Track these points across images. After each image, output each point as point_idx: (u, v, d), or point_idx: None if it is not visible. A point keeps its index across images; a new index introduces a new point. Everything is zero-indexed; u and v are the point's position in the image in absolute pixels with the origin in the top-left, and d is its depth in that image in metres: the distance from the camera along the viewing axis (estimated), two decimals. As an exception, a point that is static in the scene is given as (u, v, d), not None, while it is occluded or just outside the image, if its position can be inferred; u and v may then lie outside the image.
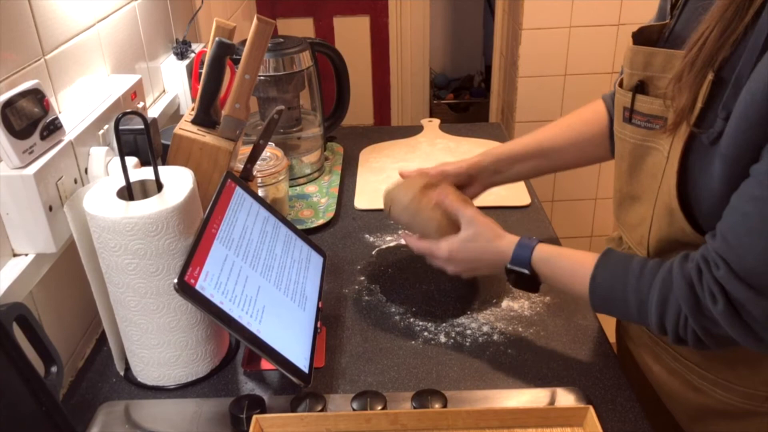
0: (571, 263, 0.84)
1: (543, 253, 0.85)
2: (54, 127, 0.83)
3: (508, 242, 0.88)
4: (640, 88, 0.78)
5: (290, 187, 1.33)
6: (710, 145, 0.69)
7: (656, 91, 0.76)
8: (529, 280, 0.87)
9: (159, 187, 0.81)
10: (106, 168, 0.92)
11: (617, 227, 0.94)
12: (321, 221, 1.24)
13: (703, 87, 0.68)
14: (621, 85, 0.82)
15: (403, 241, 1.18)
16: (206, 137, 0.96)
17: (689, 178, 0.73)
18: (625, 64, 0.81)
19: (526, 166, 1.05)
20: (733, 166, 0.67)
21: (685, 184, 0.73)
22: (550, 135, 1.05)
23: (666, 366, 0.89)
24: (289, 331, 0.84)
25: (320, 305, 0.94)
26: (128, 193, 0.81)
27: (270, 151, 1.23)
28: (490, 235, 0.90)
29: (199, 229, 0.81)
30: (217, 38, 0.93)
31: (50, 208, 0.81)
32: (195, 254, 0.78)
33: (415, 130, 1.64)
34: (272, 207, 0.98)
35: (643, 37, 0.80)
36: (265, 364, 0.89)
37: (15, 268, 0.80)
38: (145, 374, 0.86)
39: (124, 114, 0.78)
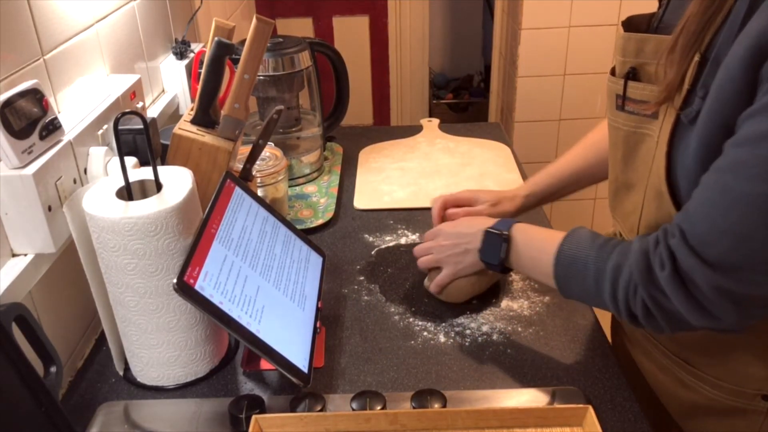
0: (545, 235, 0.85)
1: (523, 224, 0.89)
2: (53, 127, 0.83)
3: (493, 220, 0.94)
4: (632, 74, 0.78)
5: (289, 187, 1.33)
6: (689, 125, 0.69)
7: (648, 77, 0.76)
8: (499, 248, 0.88)
9: (158, 187, 0.81)
10: (105, 168, 0.92)
11: (613, 222, 0.94)
12: (320, 221, 1.24)
13: (690, 68, 0.68)
14: (613, 73, 0.82)
15: (402, 241, 1.18)
16: (205, 137, 0.96)
17: (674, 160, 0.73)
18: (616, 51, 0.80)
19: (562, 194, 1.12)
20: (707, 144, 0.66)
21: (671, 166, 0.73)
22: (580, 152, 1.08)
23: (657, 363, 0.89)
24: (288, 331, 0.84)
25: (320, 305, 0.94)
26: (127, 193, 0.81)
27: (269, 151, 1.23)
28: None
29: (198, 229, 0.81)
30: (216, 38, 0.93)
31: (49, 208, 0.81)
32: (194, 254, 0.78)
33: (414, 130, 1.64)
34: (271, 207, 0.98)
35: (632, 25, 0.80)
36: (265, 364, 0.89)
37: (14, 268, 0.79)
38: (144, 374, 0.86)
39: (124, 114, 0.78)
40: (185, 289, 0.74)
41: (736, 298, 0.65)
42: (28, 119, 0.79)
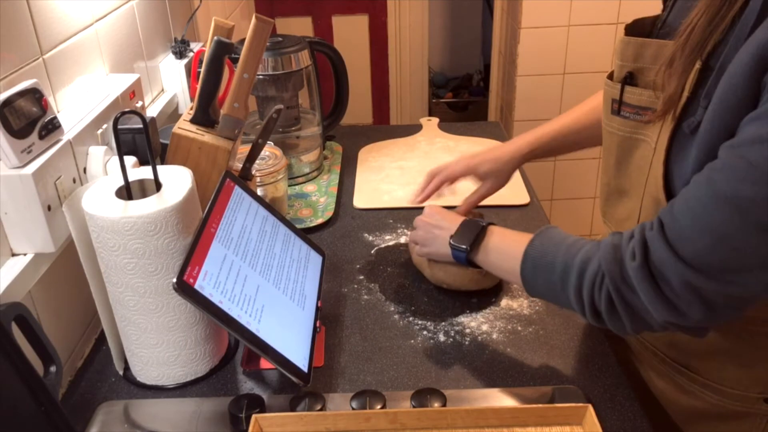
0: (518, 236, 0.85)
1: (500, 228, 0.90)
2: (52, 127, 0.83)
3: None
4: (630, 79, 0.77)
5: (289, 186, 1.33)
6: (690, 134, 0.68)
7: (646, 83, 0.76)
8: (473, 234, 0.89)
9: (158, 186, 0.81)
10: (104, 167, 0.92)
11: (605, 227, 0.94)
12: (320, 220, 1.24)
13: (691, 75, 0.68)
14: (611, 78, 0.81)
15: (402, 240, 1.18)
16: (205, 136, 0.96)
17: (673, 169, 0.72)
18: (616, 55, 0.80)
19: (565, 149, 1.10)
20: (708, 154, 0.66)
21: (670, 175, 0.73)
22: (583, 114, 1.06)
23: (654, 368, 0.89)
24: (288, 331, 0.84)
25: (319, 304, 0.94)
26: (127, 192, 0.81)
27: (269, 150, 1.23)
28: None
29: (197, 229, 0.81)
30: (215, 37, 0.93)
31: (49, 208, 0.81)
32: (194, 254, 0.78)
33: (414, 129, 1.64)
34: (271, 206, 0.98)
35: (636, 29, 0.79)
36: (265, 364, 0.89)
37: (14, 267, 0.79)
38: (144, 374, 0.86)
39: (123, 113, 0.78)
40: (185, 289, 0.74)
41: (705, 295, 0.65)
42: (28, 119, 0.79)
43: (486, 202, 1.25)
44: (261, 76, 1.30)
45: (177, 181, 0.81)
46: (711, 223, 0.62)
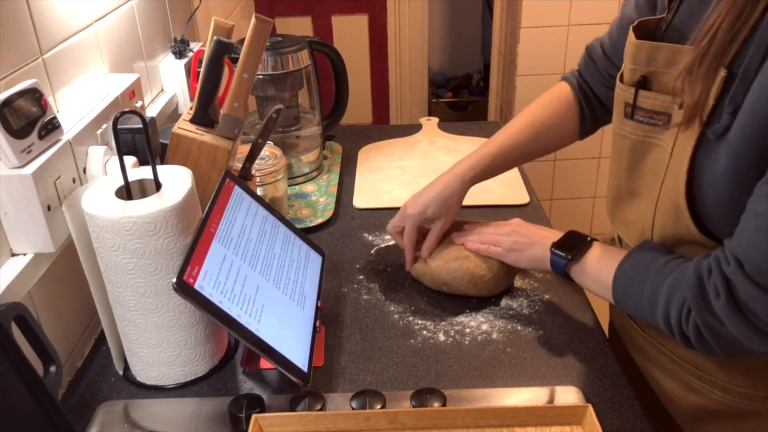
0: (615, 252, 0.84)
1: (601, 245, 0.88)
2: (52, 127, 0.83)
3: None
4: (643, 83, 0.77)
5: (289, 186, 1.33)
6: (716, 140, 0.67)
7: (660, 87, 0.75)
8: (578, 245, 0.87)
9: (157, 186, 0.81)
10: (104, 167, 0.92)
11: (612, 227, 0.94)
12: (320, 220, 1.24)
13: (716, 83, 0.67)
14: (622, 80, 0.81)
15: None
16: (205, 136, 0.96)
17: (695, 175, 0.72)
18: (626, 58, 0.79)
19: (507, 167, 1.07)
20: (740, 161, 0.66)
21: (694, 181, 0.72)
22: (522, 130, 1.04)
23: (663, 368, 0.89)
24: (288, 330, 0.84)
25: (319, 304, 0.94)
26: (127, 192, 0.81)
27: (268, 150, 1.23)
28: None
29: (197, 229, 0.81)
30: (215, 37, 0.93)
31: (48, 208, 0.81)
32: (194, 253, 0.78)
33: (413, 128, 1.64)
34: (271, 206, 0.98)
35: (641, 30, 0.79)
36: (264, 363, 0.89)
37: (13, 267, 0.79)
38: (144, 374, 0.86)
39: (123, 113, 0.78)
40: (185, 289, 0.74)
41: None
42: (27, 119, 0.79)
43: (486, 201, 1.25)
44: (261, 76, 1.30)
45: (177, 181, 0.81)
46: None
